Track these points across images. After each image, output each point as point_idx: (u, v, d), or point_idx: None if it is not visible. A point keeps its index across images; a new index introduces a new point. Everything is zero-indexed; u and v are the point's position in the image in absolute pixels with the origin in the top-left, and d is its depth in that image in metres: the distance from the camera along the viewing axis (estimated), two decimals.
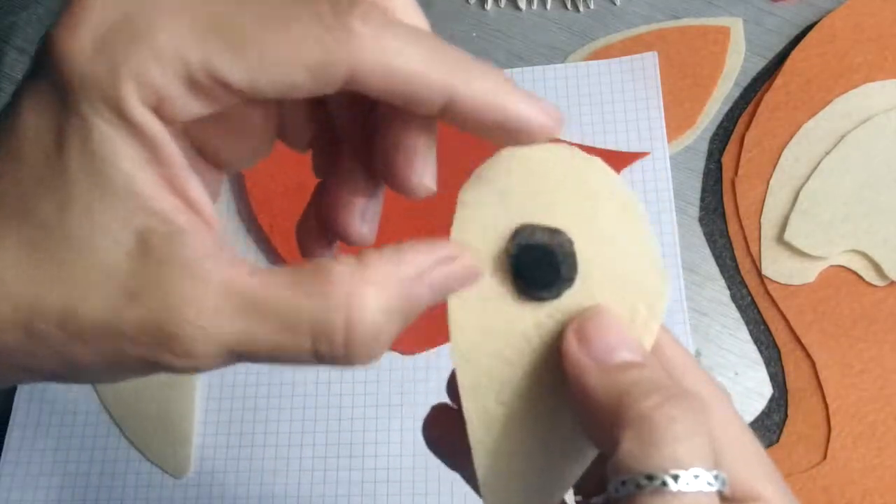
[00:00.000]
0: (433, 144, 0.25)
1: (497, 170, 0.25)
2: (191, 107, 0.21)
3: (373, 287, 0.21)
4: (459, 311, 0.25)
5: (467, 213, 0.25)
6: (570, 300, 0.25)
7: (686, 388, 0.24)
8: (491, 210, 0.25)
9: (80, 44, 0.20)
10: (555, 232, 0.24)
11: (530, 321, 0.25)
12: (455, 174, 0.26)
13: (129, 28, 0.20)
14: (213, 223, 0.22)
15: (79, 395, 0.48)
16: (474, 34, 0.56)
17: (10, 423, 0.48)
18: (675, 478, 0.21)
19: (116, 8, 0.21)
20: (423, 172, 0.24)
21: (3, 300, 0.20)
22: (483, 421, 0.25)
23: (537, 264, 0.25)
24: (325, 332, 0.21)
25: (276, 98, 0.21)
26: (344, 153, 0.26)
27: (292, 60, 0.21)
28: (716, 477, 0.21)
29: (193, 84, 0.21)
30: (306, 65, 0.21)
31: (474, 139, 0.24)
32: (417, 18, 0.24)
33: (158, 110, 0.21)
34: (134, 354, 0.21)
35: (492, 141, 0.24)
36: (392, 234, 0.24)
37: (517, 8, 0.56)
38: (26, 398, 0.48)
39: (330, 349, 0.21)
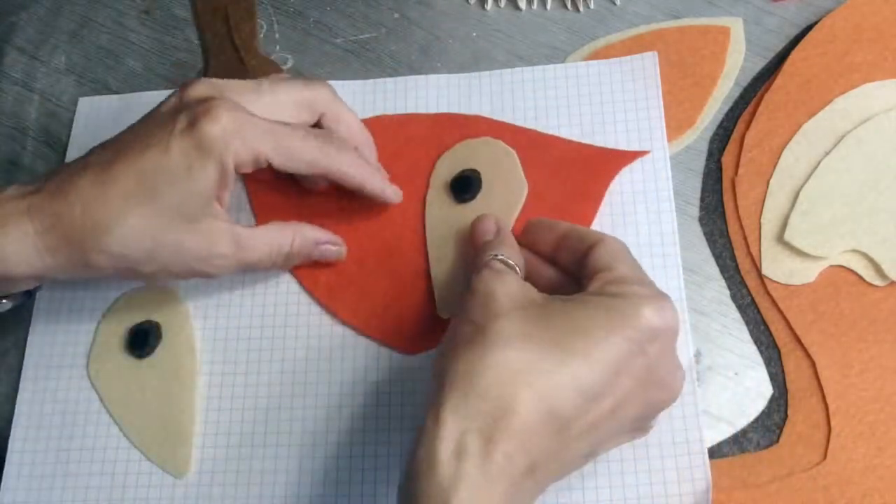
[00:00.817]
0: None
1: (454, 150, 0.52)
2: (248, 168, 0.44)
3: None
4: (430, 220, 0.50)
5: (437, 172, 0.51)
6: (479, 202, 0.50)
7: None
8: (447, 165, 0.51)
9: (216, 132, 0.42)
10: (473, 170, 0.50)
11: (461, 213, 0.49)
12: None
13: (236, 132, 0.42)
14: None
15: (79, 396, 0.48)
16: (474, 34, 0.56)
17: (14, 424, 0.48)
18: (494, 257, 0.42)
19: (234, 119, 0.42)
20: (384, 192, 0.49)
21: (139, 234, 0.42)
22: (440, 264, 0.49)
23: (464, 182, 0.50)
24: (267, 264, 0.47)
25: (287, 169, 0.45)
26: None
27: (301, 159, 0.45)
28: (506, 261, 0.42)
29: (256, 161, 0.43)
30: (307, 162, 0.45)
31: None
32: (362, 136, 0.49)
33: (236, 167, 0.43)
34: (199, 267, 0.44)
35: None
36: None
37: (517, 8, 0.56)
38: (28, 400, 0.48)
39: (271, 266, 0.47)
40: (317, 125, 0.47)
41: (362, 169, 0.47)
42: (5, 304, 0.47)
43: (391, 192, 0.49)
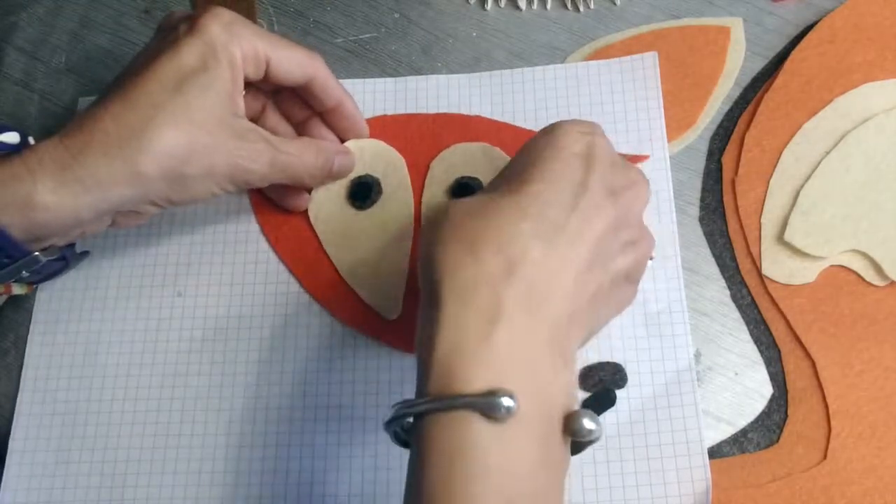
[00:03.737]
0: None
1: (446, 153, 0.52)
2: (251, 71, 0.45)
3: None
4: (424, 220, 0.50)
5: (433, 174, 0.52)
6: None
7: None
8: (444, 168, 0.51)
9: (219, 27, 0.43)
10: (475, 179, 0.50)
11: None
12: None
13: (237, 27, 0.44)
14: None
15: (79, 397, 0.48)
16: (474, 34, 0.56)
17: (14, 424, 0.48)
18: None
19: (232, 16, 0.45)
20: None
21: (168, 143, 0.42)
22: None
23: (465, 190, 0.50)
24: (300, 174, 0.48)
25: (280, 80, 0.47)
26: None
27: (296, 61, 0.47)
28: None
29: (256, 61, 0.45)
30: (300, 64, 0.47)
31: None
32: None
33: (244, 64, 0.44)
34: (237, 162, 0.44)
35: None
36: None
37: (517, 8, 0.56)
38: (28, 400, 0.48)
39: (304, 172, 0.48)
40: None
41: (343, 88, 0.49)
42: (39, 261, 0.45)
43: (364, 123, 0.51)
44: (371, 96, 0.54)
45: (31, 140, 0.43)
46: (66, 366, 0.49)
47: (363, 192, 0.50)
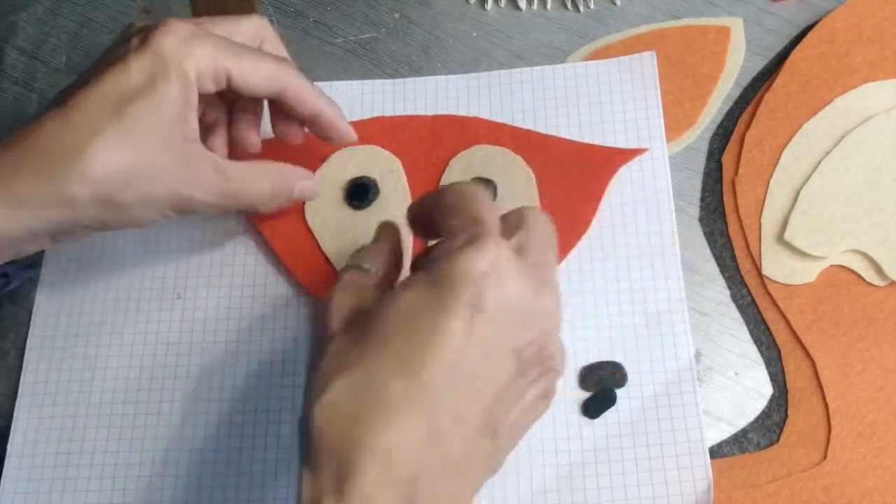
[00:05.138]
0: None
1: (466, 153, 0.52)
2: (209, 86, 0.42)
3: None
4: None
5: (451, 171, 0.51)
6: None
7: None
8: (458, 173, 0.51)
9: (172, 42, 0.41)
10: (488, 180, 0.50)
11: None
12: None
13: (193, 41, 0.41)
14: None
15: (79, 398, 0.48)
16: (474, 34, 0.56)
17: (14, 424, 0.48)
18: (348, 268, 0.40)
19: (189, 31, 0.41)
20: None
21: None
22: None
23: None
24: (251, 202, 0.46)
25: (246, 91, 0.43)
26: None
27: (261, 74, 0.43)
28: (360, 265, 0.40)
29: (216, 76, 0.42)
30: (267, 77, 0.43)
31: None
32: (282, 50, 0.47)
33: (198, 80, 0.41)
34: (178, 190, 0.42)
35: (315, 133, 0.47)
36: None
37: (517, 8, 0.56)
38: (28, 401, 0.48)
39: (256, 202, 0.46)
40: None
41: (320, 94, 0.45)
42: None
43: (348, 128, 0.47)
44: (370, 97, 0.54)
45: None
46: (65, 368, 0.49)
47: (360, 193, 0.50)
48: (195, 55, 0.41)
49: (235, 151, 0.47)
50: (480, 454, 0.35)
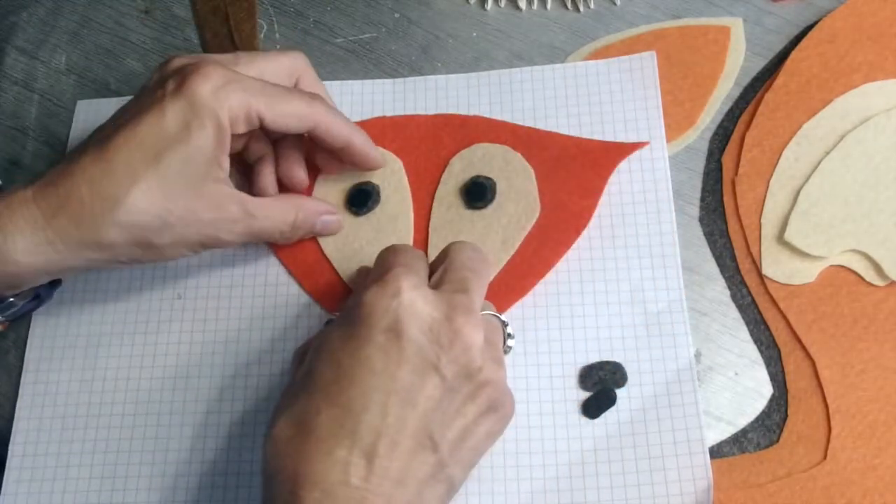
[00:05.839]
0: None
1: (466, 152, 0.52)
2: (242, 129, 0.44)
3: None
4: (435, 221, 0.50)
5: (451, 170, 0.51)
6: (490, 211, 0.50)
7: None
8: (458, 171, 0.51)
9: (207, 88, 0.42)
10: (487, 178, 0.50)
11: (469, 219, 0.50)
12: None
13: (227, 88, 0.42)
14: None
15: (80, 399, 0.48)
16: (474, 34, 0.56)
17: (14, 425, 0.48)
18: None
19: (223, 76, 0.42)
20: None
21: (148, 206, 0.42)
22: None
23: (478, 188, 0.50)
24: (273, 234, 0.47)
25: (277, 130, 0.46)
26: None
27: (292, 113, 0.45)
28: None
29: (248, 119, 0.43)
30: (297, 116, 0.45)
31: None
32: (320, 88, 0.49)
33: (231, 125, 0.43)
34: (205, 231, 0.44)
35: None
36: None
37: (517, 8, 0.56)
38: (28, 401, 0.48)
39: (278, 237, 0.48)
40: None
41: (349, 126, 0.47)
42: (15, 305, 0.47)
43: (376, 155, 0.50)
44: (370, 97, 0.54)
45: None
46: (66, 368, 0.49)
47: (361, 200, 0.50)
48: (229, 102, 0.42)
49: (283, 189, 0.49)
50: (423, 468, 0.37)
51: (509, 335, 0.44)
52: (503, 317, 0.44)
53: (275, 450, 0.37)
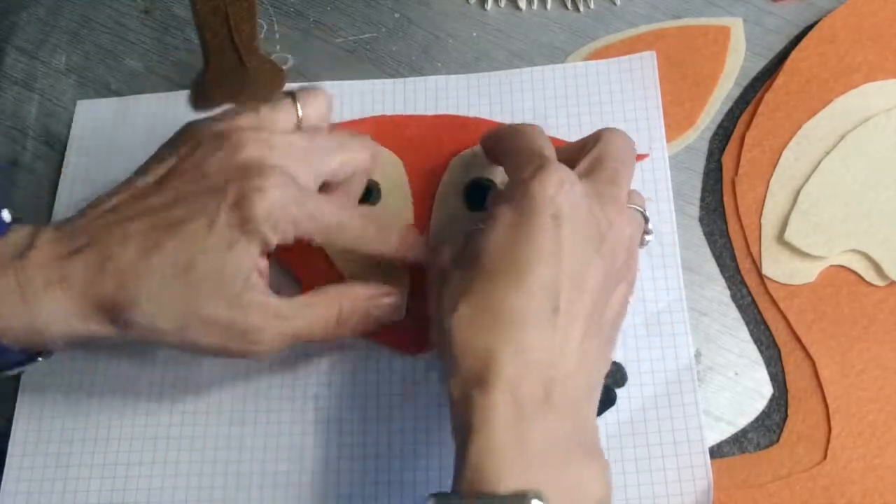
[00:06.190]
0: None
1: (466, 153, 0.51)
2: (290, 243, 0.41)
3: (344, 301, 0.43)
4: (435, 222, 0.50)
5: (452, 170, 0.51)
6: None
7: None
8: (458, 173, 0.51)
9: (264, 213, 0.39)
10: (489, 180, 0.50)
11: (474, 221, 0.46)
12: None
13: (285, 208, 0.40)
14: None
15: (79, 398, 0.48)
16: (474, 34, 0.56)
17: (14, 425, 0.48)
18: None
19: (285, 197, 0.40)
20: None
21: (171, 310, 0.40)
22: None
23: (479, 191, 0.50)
24: (317, 333, 0.43)
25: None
26: None
27: (343, 238, 0.43)
28: None
29: (298, 239, 0.41)
30: (348, 241, 0.43)
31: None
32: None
33: (279, 243, 0.40)
34: (234, 344, 0.41)
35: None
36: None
37: (517, 8, 0.57)
38: (28, 400, 0.48)
39: (323, 335, 0.43)
40: None
41: (401, 244, 0.45)
42: (39, 360, 0.45)
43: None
44: (370, 97, 0.54)
45: (6, 214, 0.43)
46: (66, 368, 0.49)
47: (363, 195, 0.50)
48: (283, 227, 0.40)
49: None
50: (594, 345, 0.39)
51: (649, 231, 0.45)
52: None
53: (463, 327, 0.38)
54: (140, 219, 0.41)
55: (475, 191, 0.50)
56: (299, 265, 0.50)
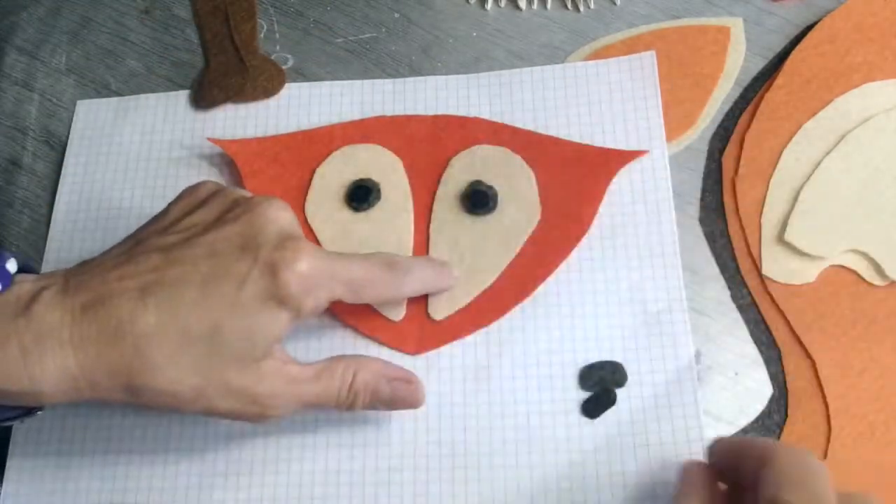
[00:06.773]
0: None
1: (466, 153, 0.52)
2: (323, 307, 0.41)
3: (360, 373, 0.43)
4: (435, 223, 0.50)
5: (451, 171, 0.51)
6: (491, 217, 0.49)
7: None
8: (458, 174, 0.51)
9: (295, 283, 0.38)
10: (489, 186, 0.50)
11: (470, 225, 0.49)
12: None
13: (316, 277, 0.39)
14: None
15: (78, 407, 0.48)
16: (474, 34, 0.56)
17: (13, 428, 0.48)
18: None
19: (317, 267, 0.39)
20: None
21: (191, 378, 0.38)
22: None
23: (479, 196, 0.50)
24: (330, 399, 0.42)
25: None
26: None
27: (370, 295, 0.43)
28: None
29: (328, 306, 0.41)
30: (374, 296, 0.45)
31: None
32: None
33: (309, 315, 0.40)
34: (250, 409, 0.40)
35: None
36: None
37: (517, 8, 0.57)
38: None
39: (336, 405, 0.42)
40: None
41: (426, 284, 0.47)
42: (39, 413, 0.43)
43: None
44: (370, 97, 0.54)
45: (12, 265, 0.40)
46: None
47: (362, 195, 0.50)
48: (314, 295, 0.39)
49: None
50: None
51: None
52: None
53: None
54: (159, 272, 0.38)
55: (476, 197, 0.50)
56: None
